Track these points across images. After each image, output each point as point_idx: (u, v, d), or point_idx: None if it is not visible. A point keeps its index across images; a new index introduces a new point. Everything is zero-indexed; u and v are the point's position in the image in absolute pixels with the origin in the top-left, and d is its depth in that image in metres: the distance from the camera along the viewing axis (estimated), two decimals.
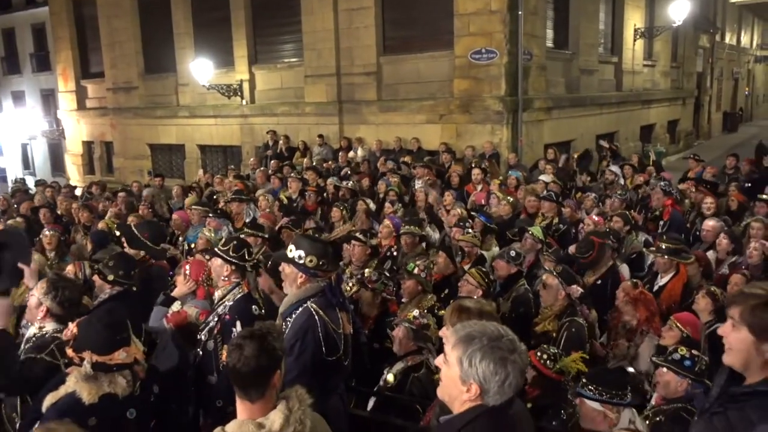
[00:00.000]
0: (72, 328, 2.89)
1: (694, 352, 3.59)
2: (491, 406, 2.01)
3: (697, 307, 4.68)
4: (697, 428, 2.26)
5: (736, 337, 2.15)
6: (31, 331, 3.58)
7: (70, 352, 2.82)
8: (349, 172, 11.09)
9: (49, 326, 3.46)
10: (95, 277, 4.28)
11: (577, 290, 4.59)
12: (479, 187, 9.35)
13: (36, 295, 3.49)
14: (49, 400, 2.74)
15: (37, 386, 3.12)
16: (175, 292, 4.35)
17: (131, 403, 2.82)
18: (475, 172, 9.62)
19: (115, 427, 2.77)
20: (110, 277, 4.19)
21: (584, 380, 3.29)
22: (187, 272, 4.39)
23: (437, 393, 2.18)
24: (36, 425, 2.64)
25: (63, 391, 2.74)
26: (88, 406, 2.67)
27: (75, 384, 2.72)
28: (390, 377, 4.07)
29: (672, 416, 3.39)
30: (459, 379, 2.02)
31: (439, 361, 2.14)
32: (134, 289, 4.35)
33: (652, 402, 3.64)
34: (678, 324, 4.17)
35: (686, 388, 3.42)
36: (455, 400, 2.07)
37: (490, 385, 1.98)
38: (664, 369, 3.48)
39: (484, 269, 5.01)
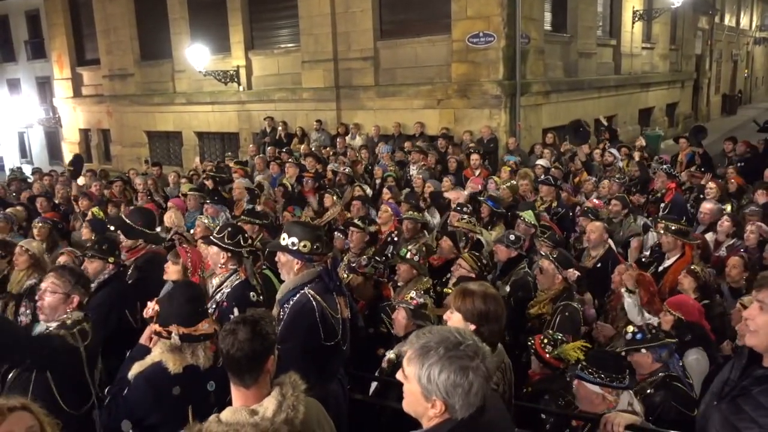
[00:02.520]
0: (153, 306, 3.07)
1: (641, 324, 3.75)
2: (461, 421, 1.89)
3: (681, 288, 4.76)
4: (720, 412, 2.25)
5: (764, 320, 2.15)
6: (42, 327, 3.49)
7: (156, 327, 2.97)
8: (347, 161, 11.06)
9: (74, 315, 3.38)
10: (87, 264, 4.31)
11: (574, 274, 4.61)
12: (477, 172, 9.34)
13: (59, 291, 3.39)
14: (136, 368, 2.91)
15: (53, 362, 3.12)
16: (170, 277, 4.39)
17: (211, 375, 2.96)
18: (474, 158, 9.60)
19: (197, 398, 2.90)
20: (111, 259, 4.29)
21: (584, 363, 3.31)
22: (189, 262, 4.44)
23: (403, 407, 2.05)
24: (125, 391, 2.90)
25: (149, 360, 2.93)
26: (173, 375, 2.84)
27: (161, 354, 2.90)
28: (392, 355, 4.11)
29: (659, 385, 3.50)
30: (421, 395, 1.91)
31: (399, 376, 2.01)
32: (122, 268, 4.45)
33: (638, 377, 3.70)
34: (669, 309, 4.20)
35: (653, 358, 3.56)
36: (422, 416, 1.97)
37: (455, 399, 1.86)
38: (630, 353, 3.59)
39: (476, 253, 5.02)
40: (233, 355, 2.30)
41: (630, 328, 3.67)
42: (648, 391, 3.51)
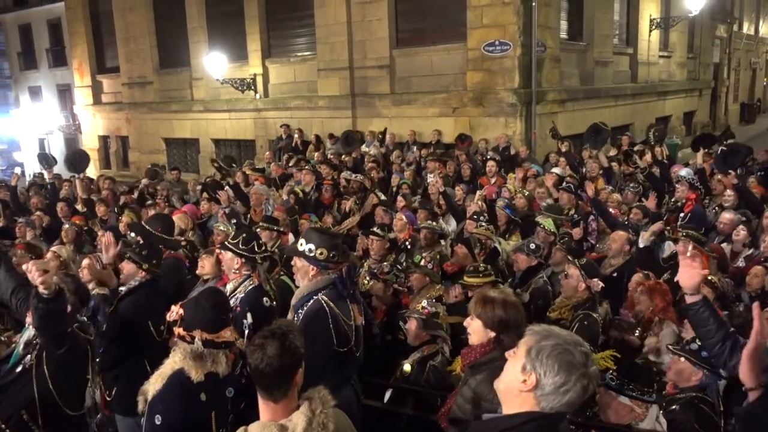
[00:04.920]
0: (177, 309, 3.00)
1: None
2: (541, 414, 1.92)
3: None
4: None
5: None
6: (30, 333, 3.56)
7: (180, 330, 2.93)
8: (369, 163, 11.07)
9: None
10: (124, 264, 4.35)
11: (598, 284, 4.56)
12: (493, 180, 9.30)
13: None
14: (156, 380, 2.87)
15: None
16: (203, 270, 4.46)
17: (230, 382, 2.98)
18: (490, 164, 9.57)
19: (219, 405, 2.93)
20: (145, 266, 4.28)
21: (614, 374, 3.25)
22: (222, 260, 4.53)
23: (494, 385, 2.10)
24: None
25: (169, 368, 2.89)
26: (197, 383, 2.84)
27: (182, 361, 2.88)
28: (407, 367, 4.11)
29: (686, 404, 3.39)
30: (520, 368, 1.94)
31: (509, 353, 2.06)
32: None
33: (665, 391, 3.62)
34: None
35: (700, 377, 3.41)
36: (509, 393, 2.00)
37: (547, 382, 1.89)
38: (682, 358, 3.46)
39: (480, 268, 4.82)
40: (262, 370, 2.25)
41: (699, 340, 3.58)
42: (673, 407, 3.42)
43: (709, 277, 4.82)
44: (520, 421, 1.92)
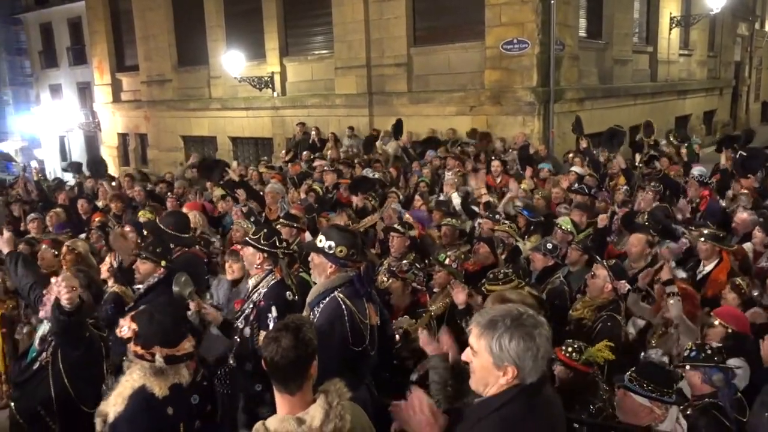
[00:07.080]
0: (128, 324, 2.81)
1: (700, 342, 3.61)
2: (527, 384, 2.03)
3: (726, 302, 4.60)
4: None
5: None
6: (45, 328, 3.65)
7: (137, 349, 2.77)
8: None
9: None
10: (139, 264, 4.36)
11: (624, 286, 4.51)
12: (498, 180, 9.18)
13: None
14: (116, 401, 2.74)
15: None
16: (234, 275, 4.63)
17: (193, 389, 2.92)
18: (495, 164, 9.40)
19: (185, 414, 2.87)
20: (163, 262, 4.28)
21: (633, 374, 3.21)
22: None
23: (470, 385, 2.17)
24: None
25: (129, 387, 2.75)
26: (162, 398, 2.75)
27: (143, 378, 2.76)
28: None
29: (701, 410, 3.38)
30: (492, 365, 2.02)
31: (467, 355, 2.12)
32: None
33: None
34: (721, 321, 4.02)
35: (702, 380, 3.42)
36: (492, 386, 2.07)
37: (525, 362, 2.00)
38: (687, 368, 3.47)
39: (500, 276, 4.71)
40: (278, 362, 2.28)
41: (689, 345, 3.53)
42: (687, 412, 3.41)
43: (737, 281, 4.72)
44: (508, 398, 2.03)
